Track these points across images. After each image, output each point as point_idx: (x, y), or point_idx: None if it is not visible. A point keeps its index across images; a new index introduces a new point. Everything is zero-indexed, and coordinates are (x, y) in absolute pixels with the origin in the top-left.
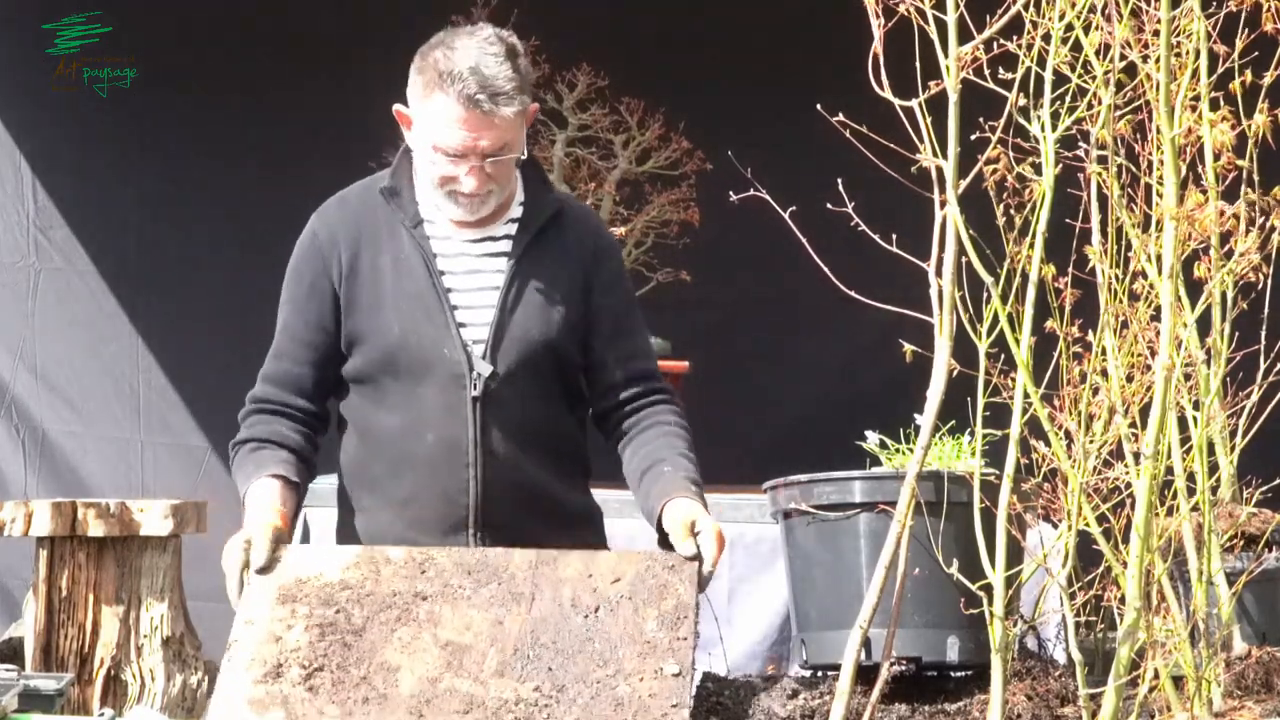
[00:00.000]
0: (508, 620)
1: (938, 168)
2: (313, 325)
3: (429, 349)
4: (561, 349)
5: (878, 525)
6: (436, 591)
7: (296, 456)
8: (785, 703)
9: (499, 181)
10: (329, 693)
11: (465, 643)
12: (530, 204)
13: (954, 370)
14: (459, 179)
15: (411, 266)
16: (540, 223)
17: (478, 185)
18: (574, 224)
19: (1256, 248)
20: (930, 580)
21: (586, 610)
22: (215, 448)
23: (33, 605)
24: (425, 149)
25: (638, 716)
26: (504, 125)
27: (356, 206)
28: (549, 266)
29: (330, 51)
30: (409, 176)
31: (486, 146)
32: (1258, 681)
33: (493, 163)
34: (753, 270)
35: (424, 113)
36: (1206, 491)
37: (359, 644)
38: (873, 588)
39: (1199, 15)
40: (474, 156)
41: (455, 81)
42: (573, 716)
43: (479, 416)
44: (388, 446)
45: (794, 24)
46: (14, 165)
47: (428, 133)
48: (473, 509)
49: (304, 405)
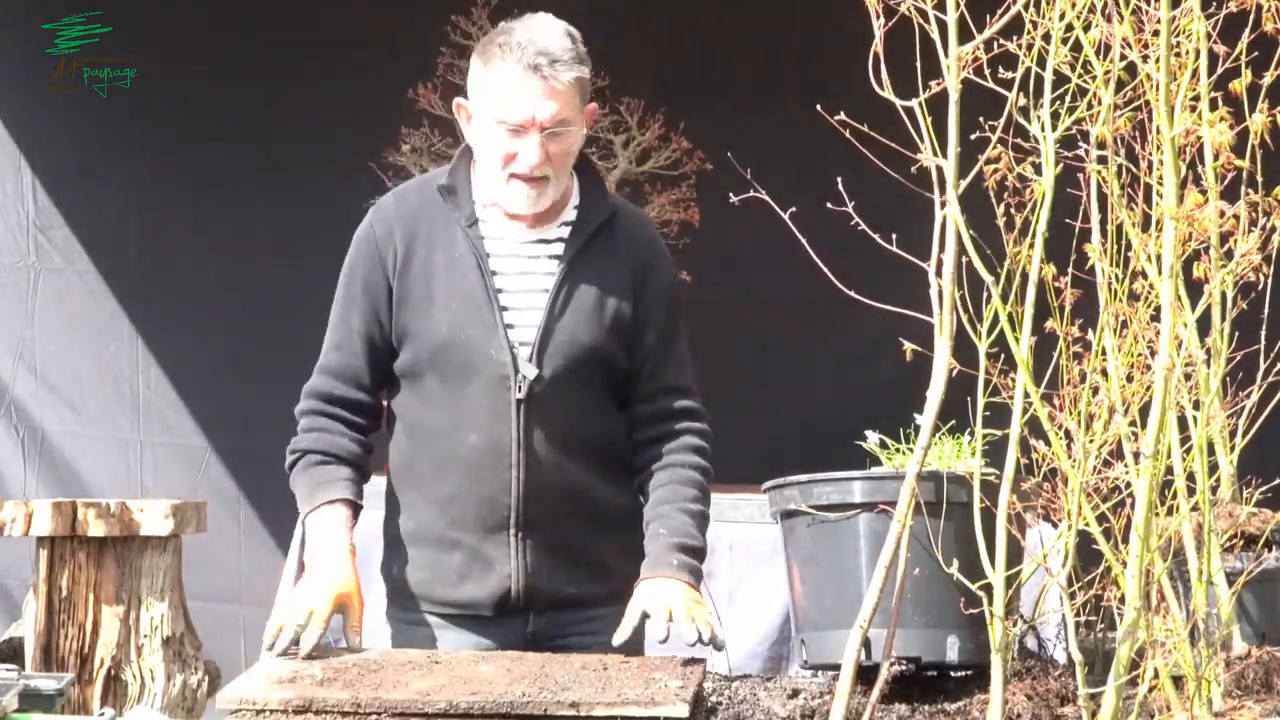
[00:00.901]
0: (517, 669)
1: (938, 168)
2: (368, 319)
3: (476, 349)
4: (608, 354)
5: (878, 525)
6: (450, 658)
7: (355, 470)
8: (785, 703)
9: (556, 165)
10: (341, 686)
11: (477, 675)
12: (585, 208)
13: (954, 370)
14: (521, 153)
15: (464, 266)
16: (594, 227)
17: (539, 160)
18: (627, 231)
19: (1257, 248)
20: (930, 580)
21: (596, 668)
22: (215, 448)
23: (33, 605)
24: (487, 128)
25: (643, 694)
26: (562, 95)
27: (413, 203)
28: (600, 271)
29: (331, 51)
30: (466, 176)
31: (547, 117)
32: (1258, 681)
33: (552, 138)
34: (753, 270)
35: (485, 87)
36: (1206, 491)
37: (376, 674)
38: (872, 588)
39: (1199, 15)
40: (534, 129)
41: (515, 50)
42: (577, 695)
43: (523, 419)
44: (432, 444)
45: (794, 24)
46: (14, 165)
47: (489, 107)
48: (514, 510)
49: (360, 399)
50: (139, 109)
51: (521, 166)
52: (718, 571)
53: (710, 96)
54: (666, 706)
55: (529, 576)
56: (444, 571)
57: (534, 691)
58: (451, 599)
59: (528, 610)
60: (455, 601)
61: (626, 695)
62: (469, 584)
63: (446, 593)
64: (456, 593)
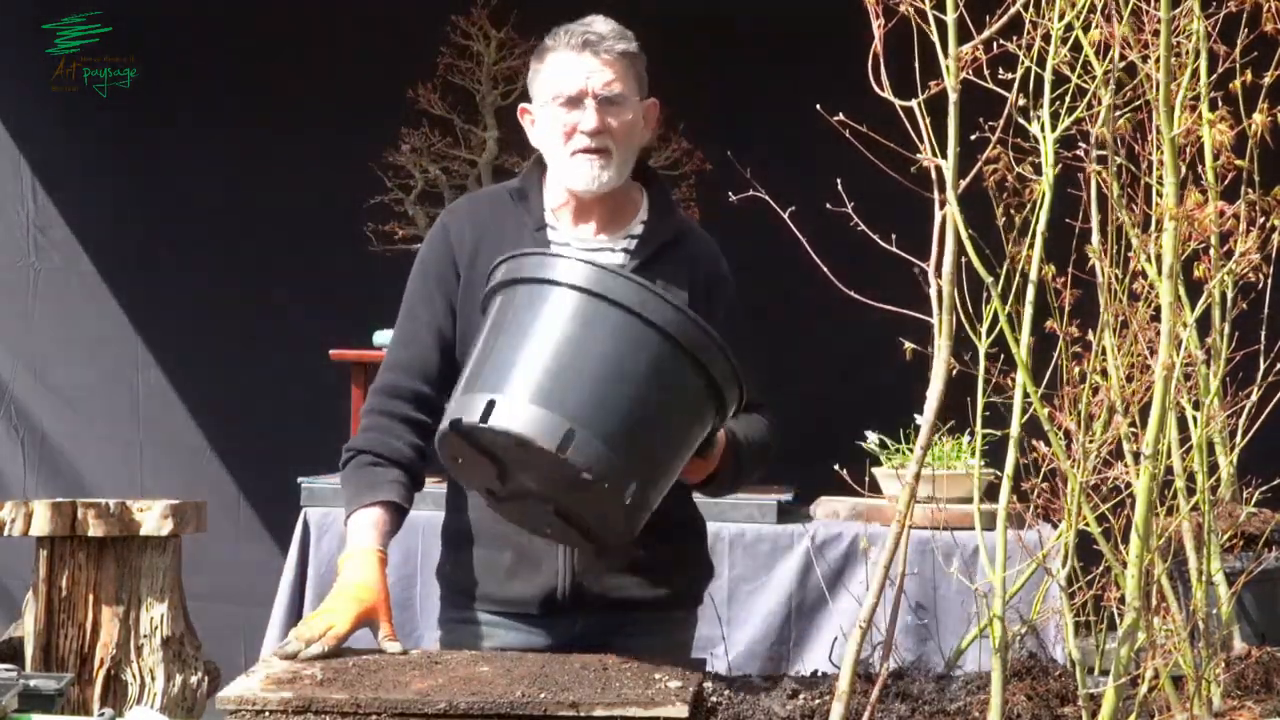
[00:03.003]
0: (517, 670)
1: (937, 168)
2: (439, 311)
3: None
4: None
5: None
6: (450, 658)
7: (406, 474)
8: (785, 703)
9: (618, 138)
10: (340, 687)
11: (477, 675)
12: (652, 223)
13: (954, 370)
14: (580, 123)
15: None
16: (658, 243)
17: (596, 123)
18: (693, 249)
19: (1256, 248)
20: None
21: (596, 668)
22: (215, 448)
23: (33, 605)
24: (546, 113)
25: (643, 694)
26: (614, 65)
27: (485, 205)
28: (662, 285)
29: (331, 51)
30: (538, 183)
31: (599, 85)
32: (1258, 681)
33: (608, 107)
34: (752, 270)
35: (542, 77)
36: (1206, 491)
37: (375, 675)
38: (873, 587)
39: (1199, 15)
40: (589, 98)
41: (564, 35)
42: (576, 695)
43: None
44: None
45: (794, 23)
46: (14, 165)
47: (545, 90)
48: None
49: (425, 393)
50: (139, 109)
51: (582, 139)
52: (718, 571)
53: (710, 96)
54: (666, 707)
55: (576, 577)
56: (495, 569)
57: (534, 692)
58: (501, 596)
59: (575, 610)
60: (504, 599)
61: (626, 696)
62: (517, 582)
63: (496, 590)
64: (505, 590)
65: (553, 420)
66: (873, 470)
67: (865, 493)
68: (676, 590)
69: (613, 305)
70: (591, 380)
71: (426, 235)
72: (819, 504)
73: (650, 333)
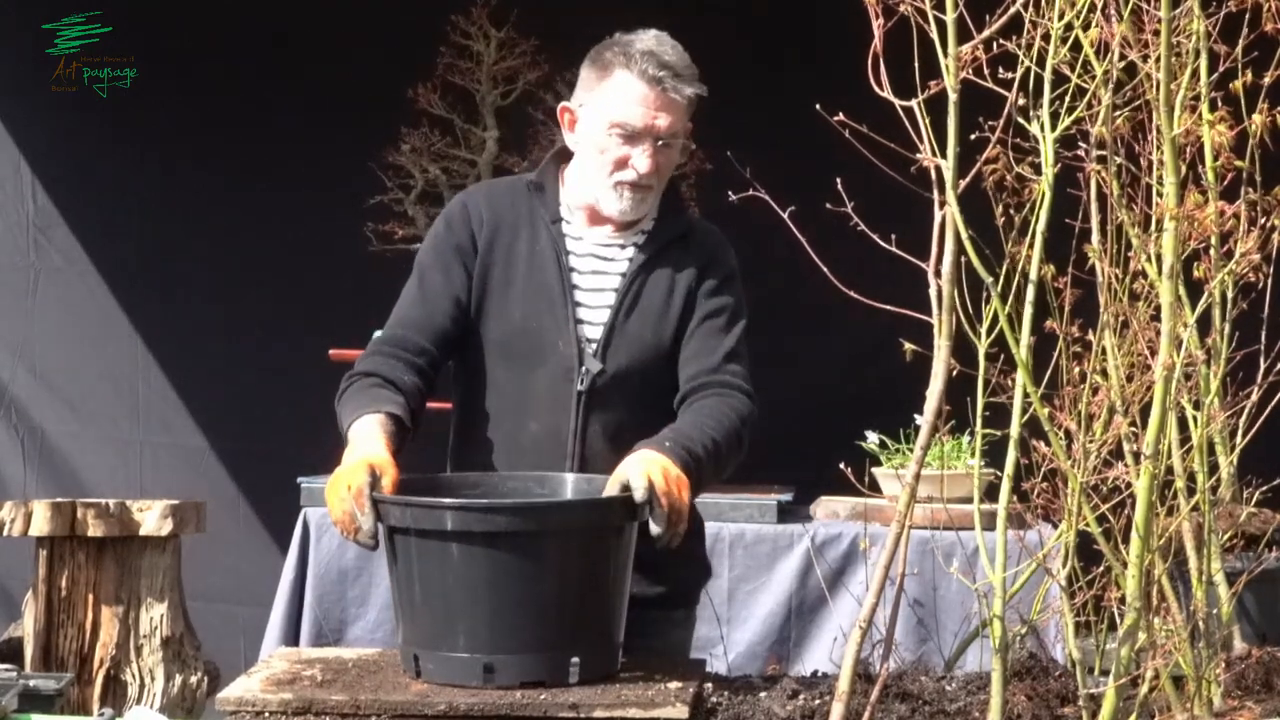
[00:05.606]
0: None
1: (937, 167)
2: (456, 278)
3: (545, 339)
4: (669, 356)
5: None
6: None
7: (409, 402)
8: (785, 703)
9: (661, 176)
10: (340, 688)
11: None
12: (662, 220)
13: (954, 370)
14: (632, 159)
15: (544, 258)
16: (667, 238)
17: (650, 167)
18: (698, 243)
19: (1257, 248)
20: (551, 602)
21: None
22: (215, 448)
23: (32, 605)
24: (599, 131)
25: (643, 695)
26: (680, 108)
27: (503, 193)
28: (668, 279)
29: (331, 51)
30: (555, 176)
31: (664, 127)
32: (1258, 681)
33: (662, 149)
34: (752, 270)
35: (603, 92)
36: (1206, 491)
37: (375, 676)
38: (873, 587)
39: (1199, 15)
40: (650, 138)
41: (639, 60)
42: (576, 696)
43: (582, 411)
44: (492, 430)
45: (794, 23)
46: (14, 165)
47: (606, 111)
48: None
49: (429, 349)
50: (139, 109)
51: (631, 174)
52: (718, 571)
53: (710, 97)
54: (666, 707)
55: None
56: None
57: (534, 692)
58: None
59: None
60: None
61: (626, 696)
62: None
63: None
64: None
65: (470, 662)
66: (873, 470)
67: (866, 492)
68: (673, 589)
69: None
70: (486, 608)
71: (441, 214)
72: (819, 504)
73: (480, 547)
